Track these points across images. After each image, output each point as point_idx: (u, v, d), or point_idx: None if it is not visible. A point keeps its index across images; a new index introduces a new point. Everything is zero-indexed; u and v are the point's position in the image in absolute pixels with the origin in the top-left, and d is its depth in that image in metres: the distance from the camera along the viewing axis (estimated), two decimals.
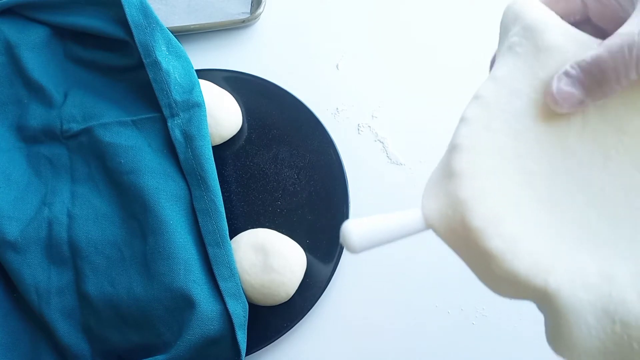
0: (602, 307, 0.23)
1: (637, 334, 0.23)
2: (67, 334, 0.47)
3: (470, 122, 0.27)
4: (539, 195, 0.25)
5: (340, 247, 0.50)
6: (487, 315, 0.48)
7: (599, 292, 0.23)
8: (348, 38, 0.59)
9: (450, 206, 0.26)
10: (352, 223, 0.27)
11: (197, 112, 0.50)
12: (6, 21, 0.53)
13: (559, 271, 0.24)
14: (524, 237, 0.25)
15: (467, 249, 0.27)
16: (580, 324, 0.24)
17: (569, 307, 0.24)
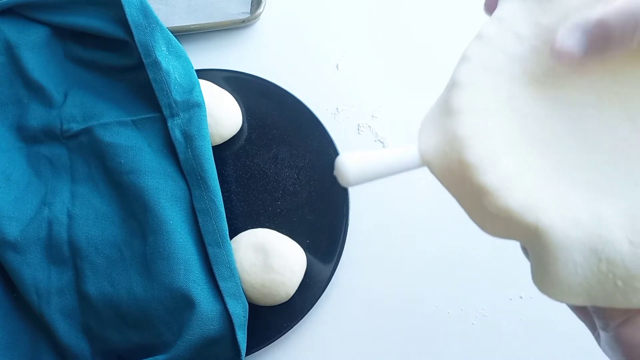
0: (591, 246, 0.24)
1: (621, 272, 0.23)
2: (67, 334, 0.47)
3: (471, 60, 0.27)
4: (534, 138, 0.26)
5: (340, 247, 0.50)
6: (487, 315, 0.48)
7: (589, 231, 0.24)
8: (348, 38, 0.59)
9: (448, 143, 0.26)
10: (347, 155, 0.27)
11: (197, 112, 0.50)
12: (6, 21, 0.53)
13: (551, 209, 0.24)
14: (519, 175, 0.25)
15: (462, 186, 0.27)
16: (567, 262, 0.24)
17: (559, 245, 0.24)
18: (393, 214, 0.52)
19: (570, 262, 0.24)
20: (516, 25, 0.27)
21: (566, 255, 0.24)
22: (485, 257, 0.50)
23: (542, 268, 0.26)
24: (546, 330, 0.47)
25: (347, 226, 0.50)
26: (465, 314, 0.48)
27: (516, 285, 0.49)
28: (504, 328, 0.48)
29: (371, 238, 0.51)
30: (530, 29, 0.26)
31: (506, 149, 0.26)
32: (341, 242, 0.50)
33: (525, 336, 0.47)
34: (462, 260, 0.50)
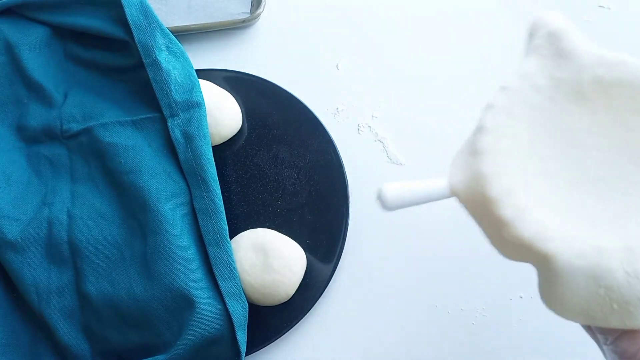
0: (592, 273, 0.28)
1: (617, 297, 0.28)
2: (67, 334, 0.47)
3: (496, 108, 0.32)
4: (548, 176, 0.31)
5: (340, 247, 0.50)
6: (487, 315, 0.48)
7: (591, 261, 0.28)
8: (348, 38, 0.59)
9: (473, 179, 0.31)
10: (388, 184, 0.33)
11: (197, 112, 0.50)
12: (6, 21, 0.53)
13: (558, 239, 0.29)
14: (532, 208, 0.30)
15: (484, 216, 0.32)
16: (571, 285, 0.29)
17: (564, 271, 0.29)
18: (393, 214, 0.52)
19: (574, 286, 0.29)
20: (535, 79, 0.32)
21: (570, 280, 0.29)
22: (485, 257, 0.50)
23: (549, 288, 0.31)
24: (546, 330, 0.47)
25: (347, 226, 0.50)
26: (465, 314, 0.48)
27: (516, 285, 0.49)
28: (504, 328, 0.48)
29: (371, 238, 0.51)
30: (547, 81, 0.31)
31: (524, 186, 0.30)
32: (341, 242, 0.50)
33: (525, 336, 0.47)
34: (462, 260, 0.50)
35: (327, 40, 0.59)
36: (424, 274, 0.50)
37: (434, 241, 0.51)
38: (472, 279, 0.49)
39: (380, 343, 0.49)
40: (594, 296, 0.28)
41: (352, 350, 0.49)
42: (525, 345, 0.47)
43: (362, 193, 0.52)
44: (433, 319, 0.49)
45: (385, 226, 0.52)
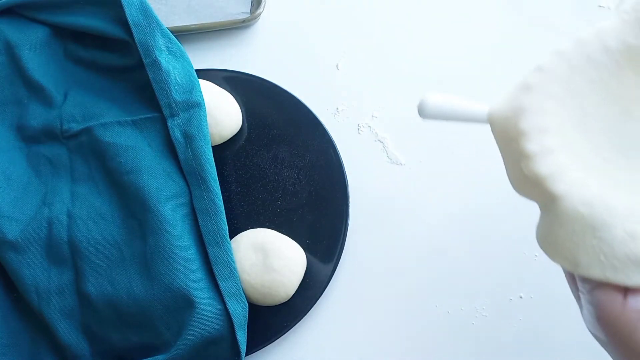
0: (592, 223, 0.29)
1: (607, 250, 0.29)
2: (67, 334, 0.47)
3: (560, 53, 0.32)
4: (586, 131, 0.31)
5: (340, 247, 0.50)
6: (487, 315, 0.48)
7: (595, 211, 0.29)
8: (348, 38, 0.59)
9: (513, 110, 0.32)
10: (431, 94, 0.35)
11: (197, 112, 0.50)
12: (6, 21, 0.53)
13: (571, 184, 0.30)
14: (558, 151, 0.31)
15: (509, 147, 0.33)
16: (568, 229, 0.30)
17: (567, 214, 0.30)
18: (393, 214, 0.52)
19: (571, 231, 0.30)
20: (608, 38, 0.32)
21: (570, 225, 0.30)
22: (485, 258, 0.50)
23: (547, 228, 0.32)
24: (546, 330, 0.47)
25: (347, 226, 0.50)
26: (465, 314, 0.48)
27: (516, 285, 0.49)
28: (504, 328, 0.48)
29: (371, 238, 0.51)
30: (618, 45, 0.31)
31: (557, 130, 0.31)
32: (341, 242, 0.50)
33: (525, 336, 0.47)
34: (462, 260, 0.50)
35: (327, 40, 0.59)
36: (424, 274, 0.50)
37: (434, 241, 0.51)
38: (472, 279, 0.49)
39: (380, 343, 0.49)
40: (586, 244, 0.29)
41: (352, 350, 0.49)
42: (525, 345, 0.47)
43: (362, 193, 0.52)
44: (433, 319, 0.49)
45: (385, 226, 0.52)
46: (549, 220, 0.31)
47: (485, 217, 0.51)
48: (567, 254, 0.31)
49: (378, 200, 0.53)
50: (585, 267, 0.30)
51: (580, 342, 0.47)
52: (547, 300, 0.48)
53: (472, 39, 0.57)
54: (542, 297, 0.48)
